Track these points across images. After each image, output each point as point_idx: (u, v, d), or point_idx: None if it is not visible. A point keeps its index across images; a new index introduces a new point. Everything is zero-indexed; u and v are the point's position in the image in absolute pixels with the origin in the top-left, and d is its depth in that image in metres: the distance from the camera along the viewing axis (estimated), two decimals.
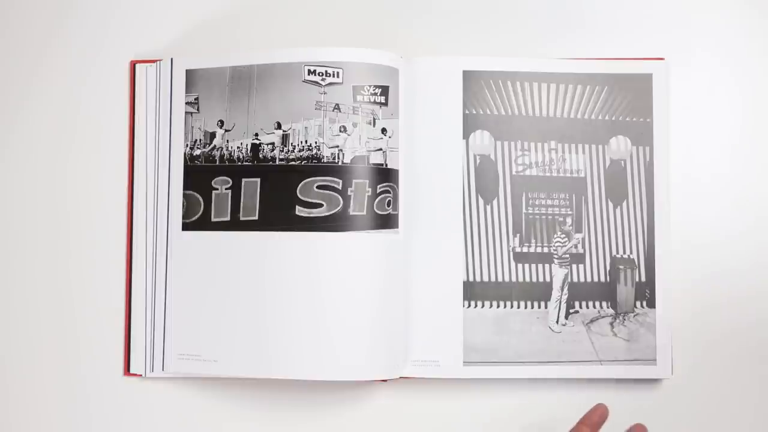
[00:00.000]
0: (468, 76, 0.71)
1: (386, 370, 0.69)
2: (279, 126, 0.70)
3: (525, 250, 0.72)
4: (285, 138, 0.70)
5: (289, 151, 0.70)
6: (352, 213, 0.68)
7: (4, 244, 0.73)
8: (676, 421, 0.71)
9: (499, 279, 0.71)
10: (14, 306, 0.73)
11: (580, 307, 0.71)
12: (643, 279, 0.71)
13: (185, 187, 0.71)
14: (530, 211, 0.72)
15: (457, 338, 0.70)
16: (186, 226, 0.71)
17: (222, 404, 0.72)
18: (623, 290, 0.71)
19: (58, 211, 0.73)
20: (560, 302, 0.71)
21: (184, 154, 0.72)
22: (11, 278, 0.73)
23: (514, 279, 0.71)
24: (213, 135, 0.71)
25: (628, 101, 0.72)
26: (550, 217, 0.72)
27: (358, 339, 0.68)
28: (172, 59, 0.72)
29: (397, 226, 0.69)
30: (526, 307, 0.71)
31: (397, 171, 0.70)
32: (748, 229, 0.72)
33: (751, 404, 0.71)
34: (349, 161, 0.69)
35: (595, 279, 0.72)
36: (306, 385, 0.71)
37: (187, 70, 0.72)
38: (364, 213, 0.68)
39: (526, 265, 0.71)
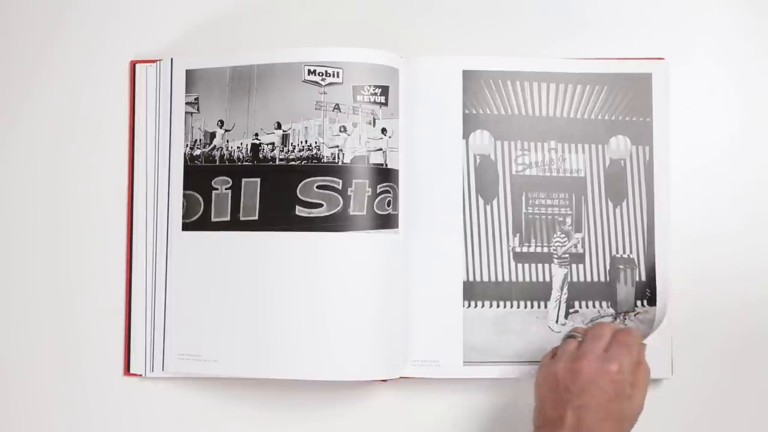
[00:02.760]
0: (468, 76, 0.71)
1: (386, 370, 0.69)
2: (279, 126, 0.70)
3: (525, 249, 0.72)
4: (285, 138, 0.70)
5: (289, 151, 0.70)
6: (352, 213, 0.68)
7: (4, 244, 0.73)
8: (676, 421, 0.71)
9: (499, 279, 0.71)
10: (14, 306, 0.73)
11: (580, 306, 0.71)
12: (643, 279, 0.71)
13: (185, 187, 0.71)
14: (530, 211, 0.72)
15: (457, 338, 0.70)
16: (186, 226, 0.71)
17: (222, 404, 0.72)
18: (623, 290, 0.71)
19: (58, 211, 0.73)
20: (560, 302, 0.71)
21: (184, 154, 0.72)
22: (11, 278, 0.73)
23: (513, 279, 0.71)
24: (213, 135, 0.71)
25: (627, 101, 0.72)
26: (549, 216, 0.72)
27: (358, 339, 0.68)
28: (172, 59, 0.72)
29: (397, 226, 0.69)
30: (526, 307, 0.71)
31: (397, 171, 0.70)
32: (748, 228, 0.72)
33: (751, 404, 0.71)
34: (349, 161, 0.69)
35: (595, 279, 0.72)
36: (306, 385, 0.71)
37: (187, 70, 0.72)
38: (364, 213, 0.68)
39: (526, 265, 0.71)
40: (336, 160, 0.69)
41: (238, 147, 0.70)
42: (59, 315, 0.72)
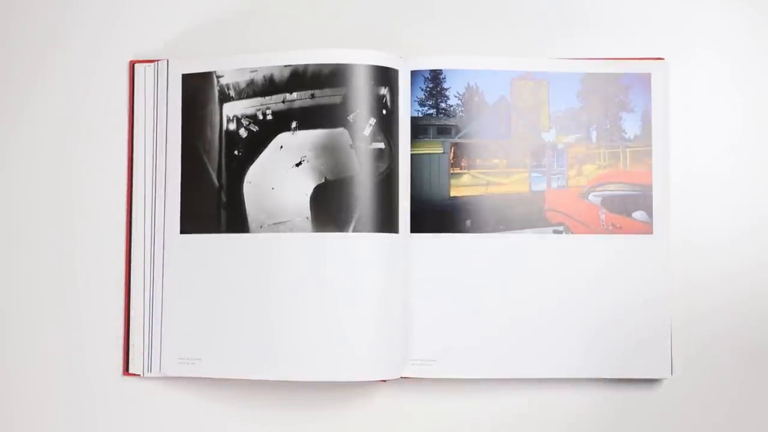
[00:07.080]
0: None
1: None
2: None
3: None
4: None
5: None
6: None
7: (4, 245, 0.73)
8: (676, 421, 0.71)
9: None
10: (14, 306, 0.73)
11: None
12: None
13: None
14: None
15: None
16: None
17: (222, 404, 0.72)
18: None
19: (57, 211, 0.73)
20: None
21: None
22: (12, 279, 0.73)
23: None
24: None
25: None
26: None
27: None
28: (168, 61, 0.72)
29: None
30: None
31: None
32: (748, 229, 0.72)
33: (750, 404, 0.71)
34: None
35: None
36: (306, 386, 0.71)
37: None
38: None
39: None
40: None
41: None
42: (59, 313, 0.72)
